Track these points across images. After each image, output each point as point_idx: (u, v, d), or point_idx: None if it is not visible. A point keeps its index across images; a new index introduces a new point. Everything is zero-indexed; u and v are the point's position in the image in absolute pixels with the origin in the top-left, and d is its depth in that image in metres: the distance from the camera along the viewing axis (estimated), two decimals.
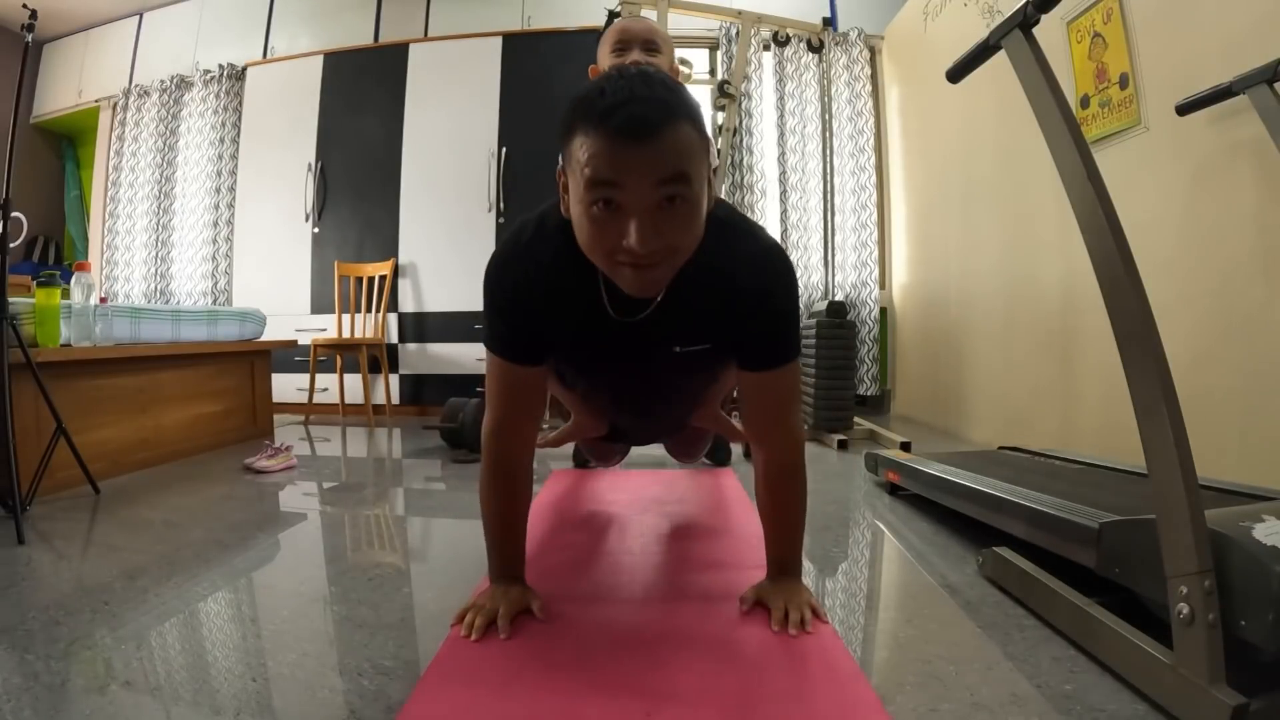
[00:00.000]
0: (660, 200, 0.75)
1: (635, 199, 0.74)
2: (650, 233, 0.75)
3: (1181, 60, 1.68)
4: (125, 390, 2.24)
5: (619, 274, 0.80)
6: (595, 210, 0.76)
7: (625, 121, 0.72)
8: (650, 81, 0.75)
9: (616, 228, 0.76)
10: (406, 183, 3.74)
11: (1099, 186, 0.88)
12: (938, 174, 3.20)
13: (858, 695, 0.80)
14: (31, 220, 4.42)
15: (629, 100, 0.73)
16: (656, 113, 0.73)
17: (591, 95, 0.75)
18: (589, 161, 0.74)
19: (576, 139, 0.76)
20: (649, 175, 0.73)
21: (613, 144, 0.72)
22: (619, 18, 2.86)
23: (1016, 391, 2.48)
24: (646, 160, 0.73)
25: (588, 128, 0.74)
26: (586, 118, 0.74)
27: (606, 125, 0.72)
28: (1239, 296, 1.55)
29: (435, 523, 1.75)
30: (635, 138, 0.72)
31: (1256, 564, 0.76)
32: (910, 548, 1.45)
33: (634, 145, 0.72)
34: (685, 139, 0.75)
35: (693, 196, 0.77)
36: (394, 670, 0.90)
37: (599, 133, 0.73)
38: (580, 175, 0.75)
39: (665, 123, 0.73)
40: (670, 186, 0.74)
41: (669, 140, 0.73)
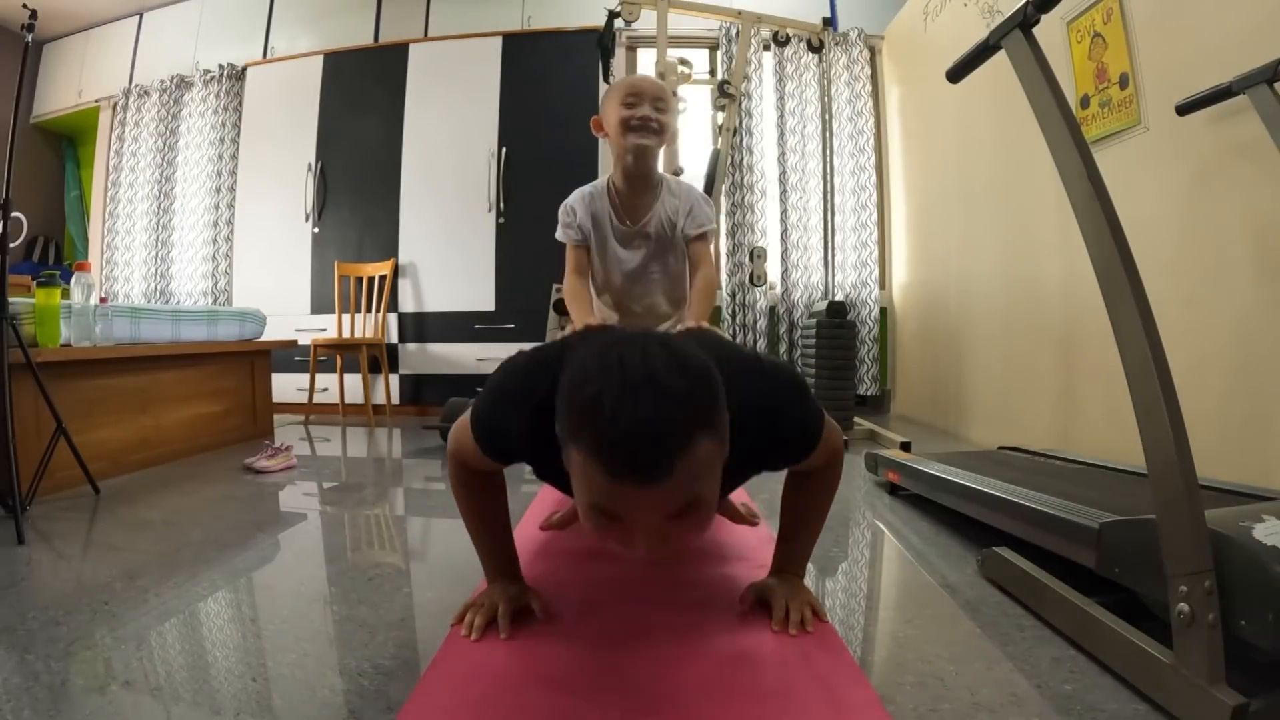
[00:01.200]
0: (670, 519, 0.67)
1: (641, 524, 0.67)
2: (658, 545, 0.69)
3: (1181, 60, 1.68)
4: (125, 390, 2.24)
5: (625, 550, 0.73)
6: (599, 522, 0.69)
7: (630, 465, 0.62)
8: (659, 392, 0.62)
9: (620, 534, 0.70)
10: (406, 183, 3.74)
11: (1099, 186, 0.88)
12: (938, 174, 3.20)
13: (858, 695, 0.80)
14: (31, 220, 4.41)
15: (634, 434, 0.61)
16: (666, 452, 0.62)
17: (591, 410, 0.63)
18: (591, 489, 0.66)
19: (574, 451, 0.66)
20: (657, 510, 0.66)
21: (617, 486, 0.63)
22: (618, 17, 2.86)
23: (1016, 391, 2.48)
24: (654, 499, 0.64)
25: (587, 452, 0.64)
26: (585, 435, 0.64)
27: (608, 463, 0.63)
28: (1239, 296, 1.55)
29: (435, 523, 1.75)
30: (640, 484, 0.63)
31: (1256, 564, 0.76)
32: (910, 548, 1.45)
33: (639, 490, 0.63)
34: (700, 463, 0.64)
35: (704, 509, 0.69)
36: (394, 670, 0.90)
37: (599, 467, 0.63)
38: (582, 487, 0.68)
39: (676, 461, 0.62)
40: (680, 510, 0.67)
41: (680, 477, 0.63)
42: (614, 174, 1.38)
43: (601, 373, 0.64)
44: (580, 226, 1.36)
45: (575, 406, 0.66)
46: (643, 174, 1.35)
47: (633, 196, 1.37)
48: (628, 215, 1.38)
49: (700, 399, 0.65)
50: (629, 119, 1.29)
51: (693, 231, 1.37)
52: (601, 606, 1.05)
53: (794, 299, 3.68)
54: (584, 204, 1.38)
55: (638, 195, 1.37)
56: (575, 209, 1.38)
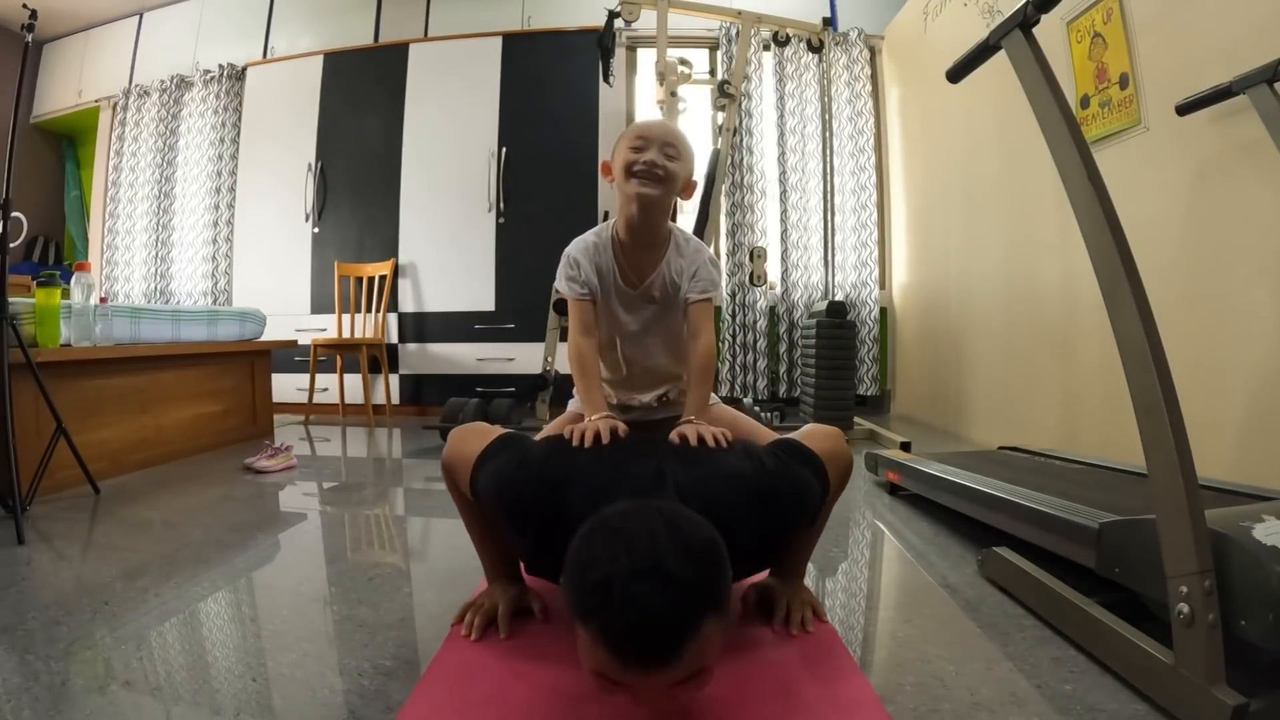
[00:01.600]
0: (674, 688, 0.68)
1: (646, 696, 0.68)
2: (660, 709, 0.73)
3: (1181, 60, 1.68)
4: (125, 390, 2.24)
5: None
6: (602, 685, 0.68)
7: (638, 656, 0.63)
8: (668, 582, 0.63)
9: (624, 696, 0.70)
10: (406, 183, 3.74)
11: (1099, 186, 0.88)
12: (938, 174, 3.20)
13: (858, 695, 0.80)
14: (31, 220, 4.41)
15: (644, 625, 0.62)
16: (674, 642, 0.63)
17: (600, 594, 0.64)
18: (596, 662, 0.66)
19: (583, 629, 0.66)
20: (661, 685, 0.66)
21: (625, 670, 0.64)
22: (618, 17, 2.86)
23: (1016, 391, 2.48)
24: (659, 679, 0.65)
25: (595, 637, 0.65)
26: (591, 617, 0.65)
27: (616, 652, 0.64)
28: (1239, 296, 1.55)
29: (435, 523, 1.75)
30: (648, 669, 0.64)
31: (1256, 564, 0.76)
32: (910, 548, 1.45)
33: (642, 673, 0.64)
34: (706, 641, 0.65)
35: (709, 672, 0.69)
36: (394, 670, 0.90)
37: (604, 651, 0.64)
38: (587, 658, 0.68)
39: (682, 649, 0.63)
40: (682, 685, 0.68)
41: (688, 659, 0.64)
42: (618, 224, 1.27)
43: (608, 558, 0.65)
44: (587, 281, 1.24)
45: (584, 589, 0.66)
46: (647, 227, 1.24)
47: (637, 252, 1.26)
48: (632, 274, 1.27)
49: (706, 584, 0.66)
50: (633, 164, 1.17)
51: (695, 295, 1.24)
52: None
53: (794, 299, 3.68)
54: (588, 256, 1.26)
55: (643, 251, 1.26)
56: (580, 261, 1.25)
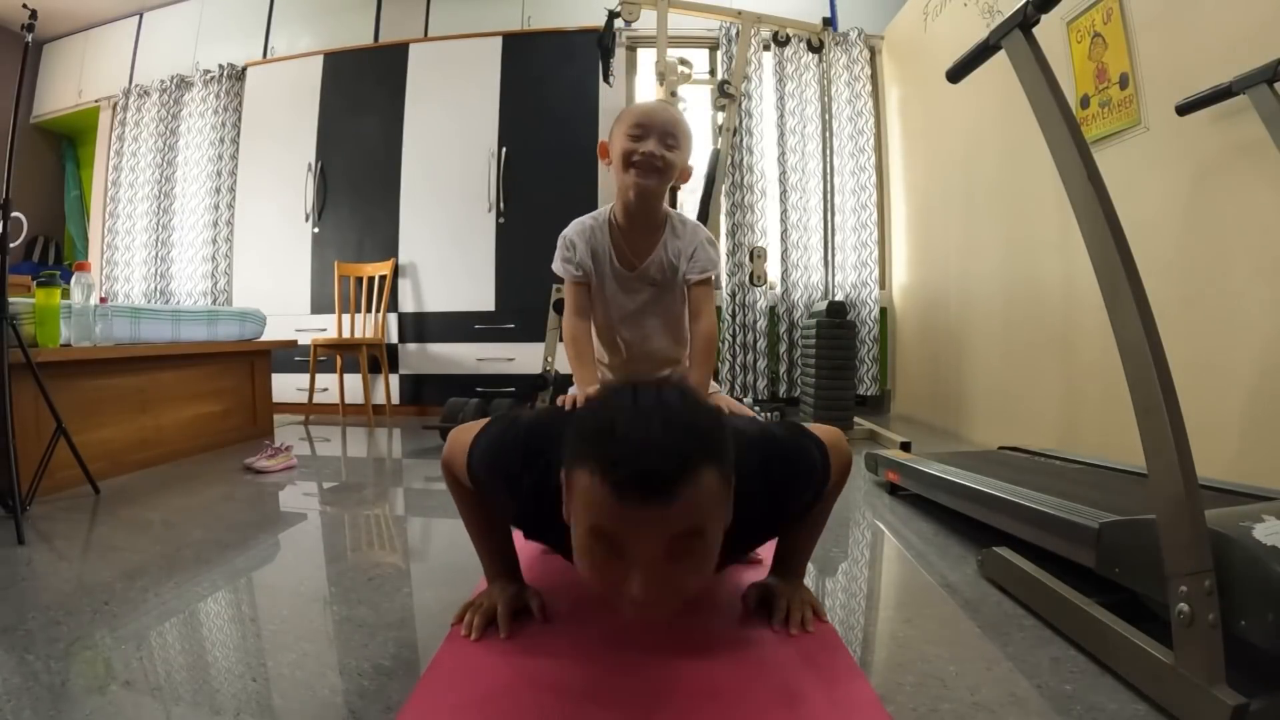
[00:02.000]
0: (669, 553, 0.67)
1: (641, 554, 0.67)
2: (654, 584, 0.68)
3: (1181, 60, 1.68)
4: (125, 390, 2.24)
5: (621, 608, 0.72)
6: (596, 550, 0.69)
7: (636, 483, 0.63)
8: (671, 419, 0.66)
9: (618, 572, 0.68)
10: (406, 183, 3.74)
11: (1099, 186, 0.88)
12: (938, 174, 3.20)
13: (858, 695, 0.80)
14: (31, 220, 4.41)
15: (643, 451, 0.63)
16: (674, 471, 0.63)
17: (602, 428, 0.66)
18: (592, 509, 0.66)
19: (581, 474, 0.66)
20: (659, 535, 0.66)
21: (620, 504, 0.64)
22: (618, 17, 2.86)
23: (1016, 392, 2.48)
24: (657, 522, 0.65)
25: (594, 472, 0.65)
26: (593, 457, 0.65)
27: (614, 480, 0.63)
28: (1239, 296, 1.55)
29: (435, 523, 1.75)
30: (644, 502, 0.63)
31: (1256, 564, 0.76)
32: (910, 548, 1.45)
33: (642, 510, 0.64)
34: (705, 492, 0.66)
35: (706, 547, 0.69)
36: (394, 670, 0.91)
37: (605, 485, 0.64)
38: (582, 513, 0.68)
39: (683, 482, 0.64)
40: (682, 541, 0.67)
41: (685, 500, 0.64)
42: (615, 207, 1.27)
43: (615, 402, 0.68)
44: (581, 263, 1.24)
45: (585, 430, 0.68)
46: (644, 212, 1.24)
47: (634, 235, 1.26)
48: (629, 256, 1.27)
49: (710, 432, 0.68)
50: (631, 153, 1.16)
51: (694, 276, 1.24)
52: (601, 606, 1.05)
53: (794, 299, 3.68)
54: (584, 238, 1.26)
55: (639, 234, 1.26)
56: (575, 243, 1.26)
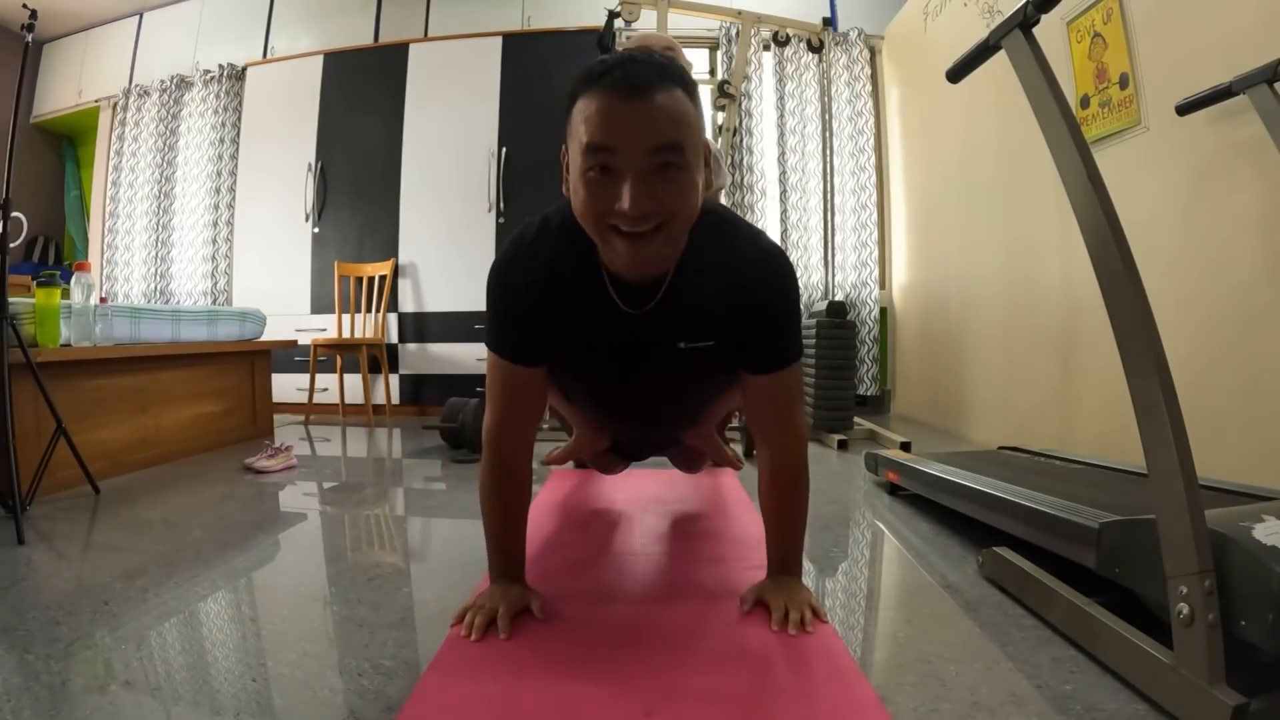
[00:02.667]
0: (654, 165, 0.77)
1: (629, 162, 0.77)
2: (643, 194, 0.77)
3: (1181, 60, 1.68)
4: (125, 390, 2.24)
5: (612, 245, 0.82)
6: (591, 175, 0.79)
7: (620, 79, 0.76)
8: (648, 52, 0.80)
9: (611, 191, 0.78)
10: (406, 183, 3.74)
11: (1099, 186, 0.88)
12: (938, 174, 3.20)
13: (858, 695, 0.80)
14: (31, 220, 4.42)
15: (624, 62, 0.78)
16: (650, 74, 0.77)
17: (591, 65, 0.80)
18: (585, 124, 0.78)
19: (576, 106, 0.80)
20: (643, 138, 0.76)
21: (607, 102, 0.76)
22: (618, 17, 2.86)
23: (1016, 391, 2.48)
24: (639, 120, 0.76)
25: (585, 91, 0.79)
26: (584, 83, 0.79)
27: (601, 83, 0.77)
28: (1239, 296, 1.55)
29: (435, 523, 1.75)
30: (628, 95, 0.76)
31: (1256, 564, 0.76)
32: (910, 548, 1.45)
33: (627, 103, 0.76)
34: (678, 104, 0.79)
35: (686, 165, 0.79)
36: (394, 670, 0.90)
37: (594, 92, 0.77)
38: (578, 142, 0.79)
39: (658, 84, 0.77)
40: (664, 154, 0.77)
41: (661, 102, 0.77)
42: None
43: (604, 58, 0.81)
44: None
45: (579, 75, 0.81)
46: None
47: None
48: None
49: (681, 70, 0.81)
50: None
51: None
52: (601, 607, 1.05)
53: None
54: None
55: None
56: None
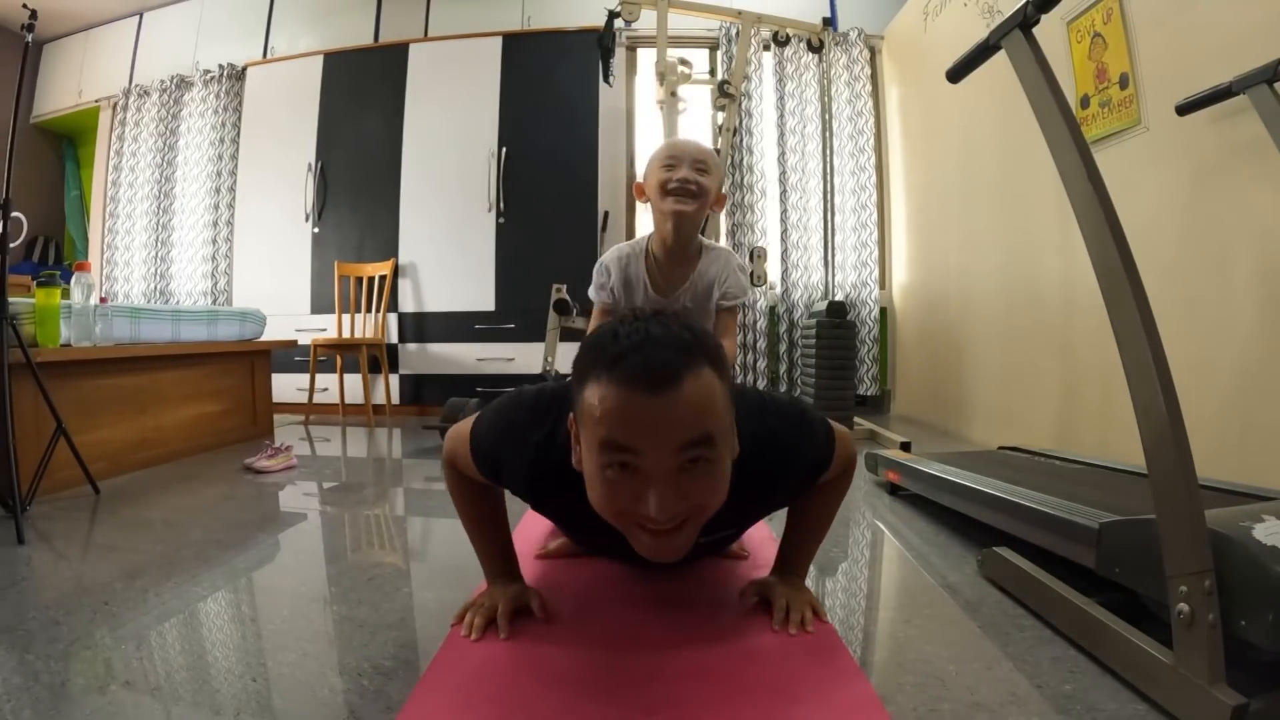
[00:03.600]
0: (681, 463, 0.68)
1: (654, 463, 0.68)
2: (671, 498, 0.68)
3: (1181, 60, 1.67)
4: (125, 390, 2.23)
5: (635, 537, 0.74)
6: (609, 474, 0.70)
7: (640, 370, 0.66)
8: (667, 322, 0.70)
9: (632, 491, 0.69)
10: (406, 183, 3.74)
11: (1099, 186, 0.88)
12: (938, 174, 3.20)
13: (858, 695, 0.80)
14: (31, 220, 4.41)
15: (644, 344, 0.67)
16: (674, 358, 0.67)
17: (604, 340, 0.70)
18: (602, 419, 0.67)
19: (588, 388, 0.69)
20: (668, 440, 0.67)
21: (628, 397, 0.66)
22: (619, 17, 2.86)
23: (1016, 391, 2.48)
24: (665, 420, 0.66)
25: (600, 375, 0.68)
26: (598, 364, 0.69)
27: (619, 373, 0.66)
28: (1239, 296, 1.55)
29: (435, 523, 1.75)
30: (651, 390, 0.66)
31: (1256, 564, 0.76)
32: (910, 548, 1.45)
33: (650, 399, 0.66)
34: (706, 389, 0.68)
35: (717, 457, 0.70)
36: (394, 670, 0.90)
37: (611, 382, 0.67)
38: (593, 432, 0.69)
39: (684, 370, 0.67)
40: (693, 450, 0.68)
41: (690, 393, 0.67)
42: (653, 239, 1.33)
43: (613, 323, 0.73)
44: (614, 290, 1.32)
45: (588, 347, 0.72)
46: (682, 242, 1.30)
47: (670, 265, 1.32)
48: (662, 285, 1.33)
49: (705, 338, 0.72)
50: (667, 182, 1.23)
51: (726, 304, 1.34)
52: (601, 606, 1.05)
53: (794, 299, 3.68)
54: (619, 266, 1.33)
55: (676, 265, 1.33)
56: (610, 269, 1.33)
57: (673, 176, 1.22)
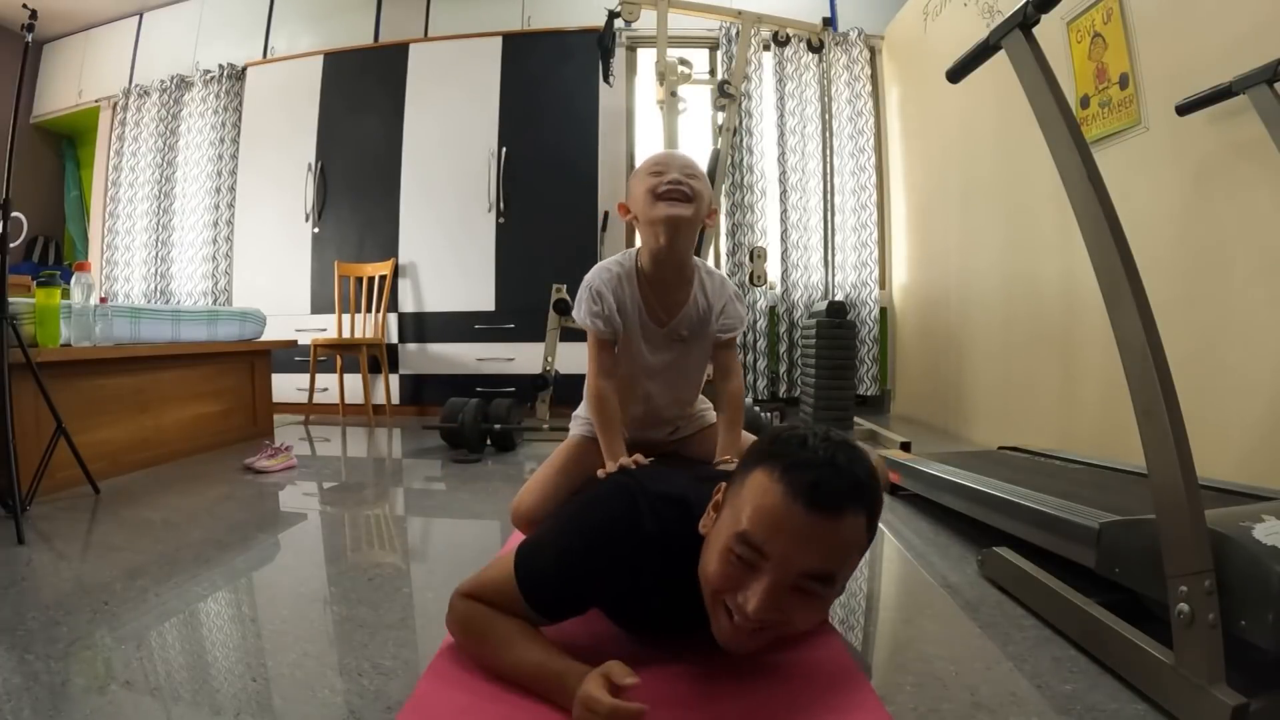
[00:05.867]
0: (796, 584, 0.70)
1: (773, 571, 0.70)
2: (770, 607, 0.70)
3: (1181, 60, 1.67)
4: (125, 390, 2.23)
5: (718, 618, 0.75)
6: (732, 558, 0.71)
7: (810, 489, 0.68)
8: (853, 456, 0.72)
9: (742, 579, 0.71)
10: (406, 183, 3.74)
11: (1099, 186, 0.88)
12: (938, 174, 3.20)
13: (858, 695, 0.80)
14: (31, 220, 4.41)
15: (826, 465, 0.69)
16: (846, 494, 0.69)
17: (792, 442, 0.73)
18: (754, 512, 0.70)
19: (756, 474, 0.72)
20: (799, 560, 0.69)
21: (787, 506, 0.68)
22: (619, 17, 2.86)
23: (1016, 391, 2.48)
24: (805, 542, 0.68)
25: (773, 471, 0.70)
26: (776, 461, 0.71)
27: (791, 480, 0.69)
28: (1239, 296, 1.55)
29: (435, 523, 1.75)
30: (809, 510, 0.68)
31: (1256, 564, 0.76)
32: (910, 548, 1.45)
33: (804, 517, 0.68)
34: (856, 535, 0.71)
35: (828, 596, 0.74)
36: (394, 670, 0.90)
37: (779, 483, 0.69)
38: (738, 516, 0.72)
39: (846, 510, 0.69)
40: (812, 581, 0.71)
41: (840, 531, 0.69)
42: (642, 257, 1.19)
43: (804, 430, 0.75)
44: (610, 319, 1.16)
45: (775, 440, 0.74)
46: (676, 258, 1.16)
47: (664, 289, 1.19)
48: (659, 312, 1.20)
49: (877, 489, 0.74)
50: (657, 187, 1.11)
51: (725, 336, 1.23)
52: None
53: (794, 299, 3.68)
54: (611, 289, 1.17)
55: (670, 288, 1.19)
56: (604, 295, 1.16)
57: (662, 180, 1.11)
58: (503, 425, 2.53)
